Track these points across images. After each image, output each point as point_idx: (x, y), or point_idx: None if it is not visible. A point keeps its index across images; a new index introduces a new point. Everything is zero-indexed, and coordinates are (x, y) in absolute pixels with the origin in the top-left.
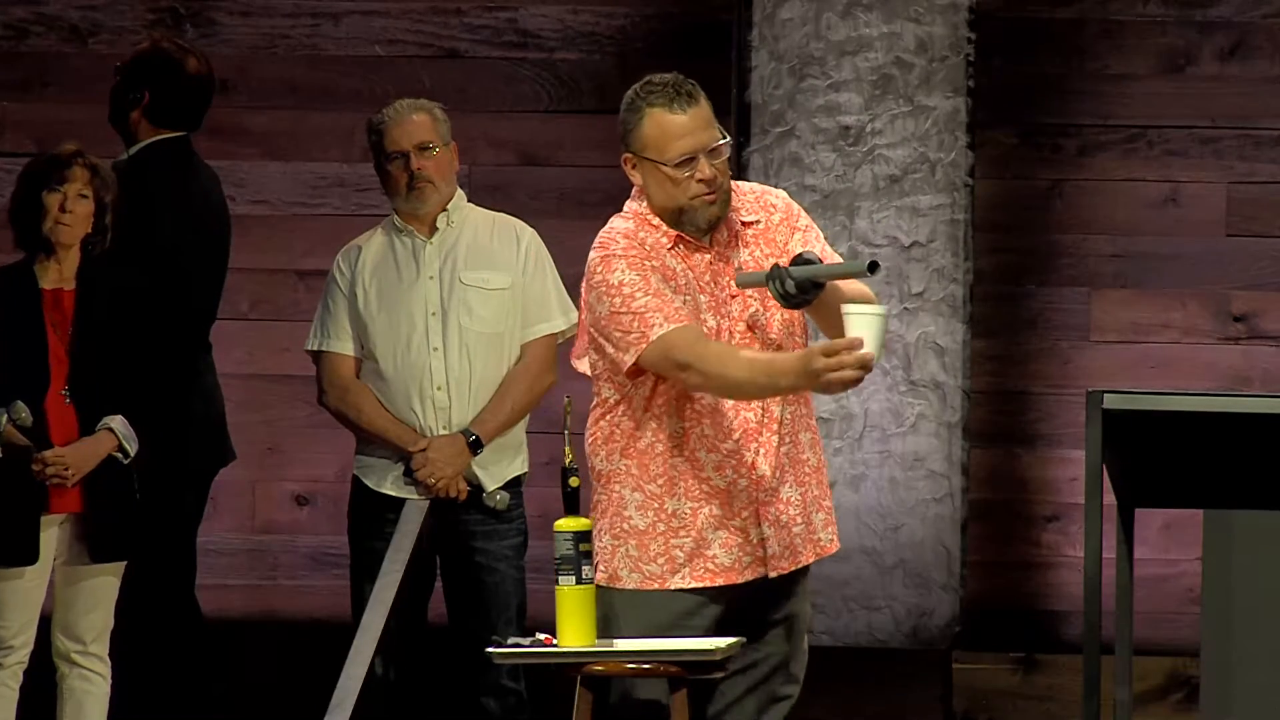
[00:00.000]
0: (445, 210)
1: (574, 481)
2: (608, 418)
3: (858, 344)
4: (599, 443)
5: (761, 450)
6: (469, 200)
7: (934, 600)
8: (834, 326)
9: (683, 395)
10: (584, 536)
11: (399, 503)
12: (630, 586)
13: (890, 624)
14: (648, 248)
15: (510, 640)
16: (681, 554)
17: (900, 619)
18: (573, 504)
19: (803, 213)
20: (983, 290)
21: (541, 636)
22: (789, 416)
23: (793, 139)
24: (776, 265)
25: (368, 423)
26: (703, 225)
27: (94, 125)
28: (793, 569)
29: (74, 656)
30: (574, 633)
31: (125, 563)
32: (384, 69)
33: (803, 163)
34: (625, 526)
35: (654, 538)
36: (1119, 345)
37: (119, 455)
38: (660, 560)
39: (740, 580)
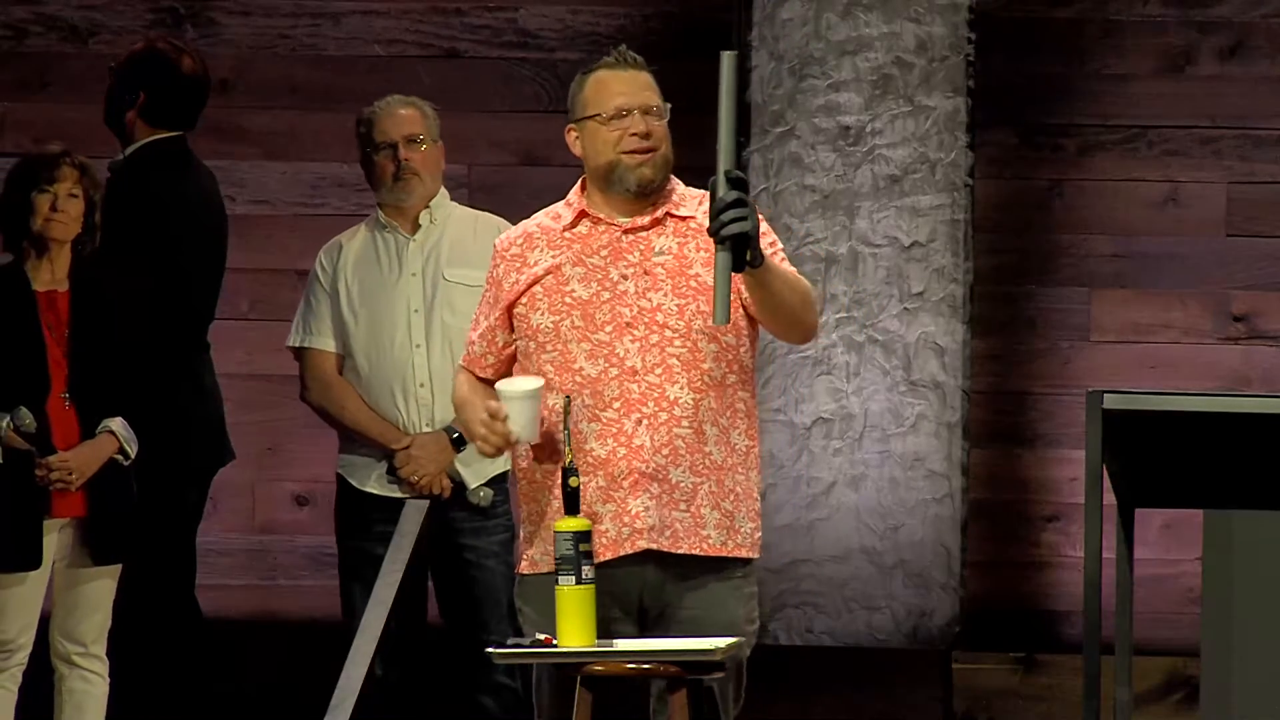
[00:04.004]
0: (428, 208)
1: (574, 481)
2: None
3: (501, 414)
4: None
5: (645, 423)
6: (469, 200)
7: (934, 600)
8: (764, 311)
9: (562, 367)
10: (584, 536)
11: (384, 501)
12: (532, 571)
13: (890, 624)
14: (534, 240)
15: (510, 640)
16: None
17: (900, 619)
18: (572, 504)
19: (761, 222)
20: (983, 290)
21: (541, 636)
22: (692, 402)
23: (793, 139)
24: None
25: (350, 420)
26: (632, 187)
27: (94, 125)
28: (668, 550)
29: (74, 658)
30: (574, 633)
31: (122, 564)
32: (384, 69)
33: (803, 163)
34: (528, 510)
35: (551, 515)
36: (1119, 345)
37: (119, 457)
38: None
39: (622, 552)
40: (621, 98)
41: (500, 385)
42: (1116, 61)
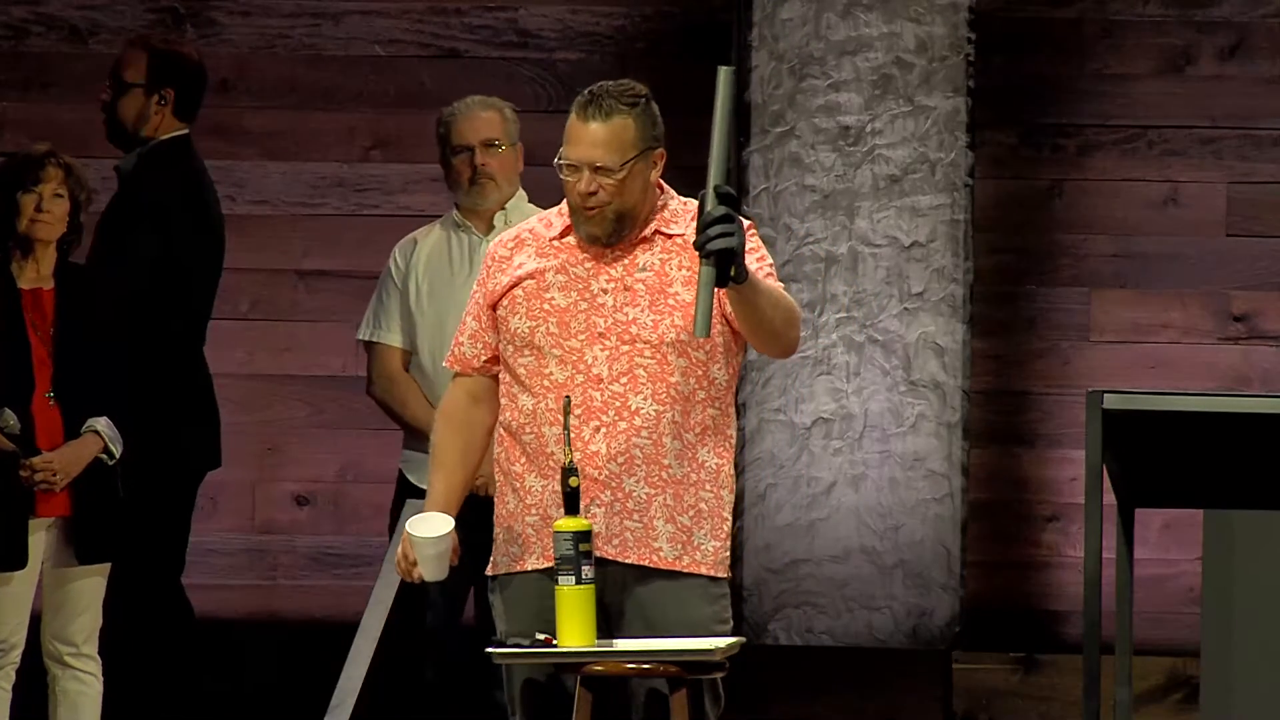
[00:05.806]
0: (504, 209)
1: (574, 481)
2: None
3: (411, 556)
4: None
5: (603, 431)
6: None
7: (934, 600)
8: (746, 325)
9: (534, 371)
10: (584, 536)
11: None
12: (494, 572)
13: (890, 624)
14: (524, 244)
15: (510, 640)
16: (532, 532)
17: (900, 619)
18: (573, 504)
19: (753, 238)
20: (983, 290)
21: (541, 636)
22: (654, 414)
23: (793, 139)
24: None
25: (412, 417)
26: (585, 237)
27: (94, 125)
28: (614, 559)
29: (66, 659)
30: (574, 633)
31: (110, 563)
32: (384, 69)
33: (803, 163)
34: (500, 510)
35: (516, 518)
36: (1119, 345)
37: (104, 457)
38: (519, 541)
39: None
40: (574, 149)
41: (411, 527)
42: (1116, 61)
